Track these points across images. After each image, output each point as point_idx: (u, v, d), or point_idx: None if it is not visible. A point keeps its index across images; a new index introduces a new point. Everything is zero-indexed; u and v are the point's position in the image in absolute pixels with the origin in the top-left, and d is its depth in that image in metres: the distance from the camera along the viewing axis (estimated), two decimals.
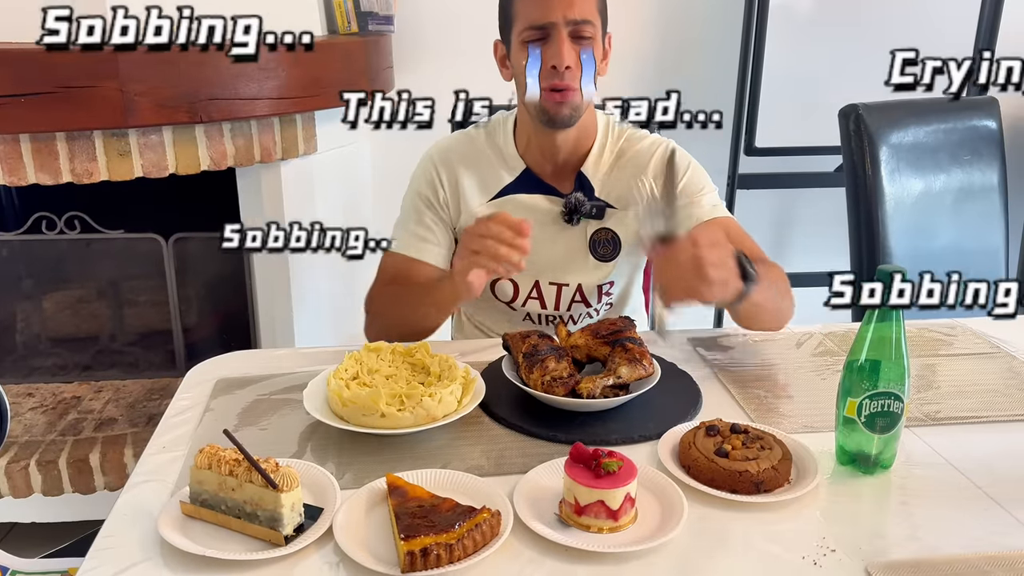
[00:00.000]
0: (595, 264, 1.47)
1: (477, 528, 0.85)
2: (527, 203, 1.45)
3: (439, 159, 1.48)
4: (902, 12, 2.59)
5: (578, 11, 1.30)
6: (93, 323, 2.47)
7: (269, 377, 1.28)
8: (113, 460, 2.06)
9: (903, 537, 0.90)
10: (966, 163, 1.89)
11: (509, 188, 1.46)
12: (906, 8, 2.59)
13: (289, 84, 2.10)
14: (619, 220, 1.46)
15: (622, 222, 1.46)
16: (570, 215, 1.44)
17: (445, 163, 1.47)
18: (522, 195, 1.46)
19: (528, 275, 1.46)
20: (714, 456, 0.98)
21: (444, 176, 1.46)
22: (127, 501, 0.96)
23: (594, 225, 1.45)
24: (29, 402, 2.30)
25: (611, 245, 1.47)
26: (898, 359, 0.97)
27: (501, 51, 1.42)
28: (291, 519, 0.88)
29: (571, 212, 1.43)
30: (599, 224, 1.45)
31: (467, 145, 1.49)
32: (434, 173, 1.47)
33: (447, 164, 1.47)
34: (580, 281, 1.48)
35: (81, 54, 1.81)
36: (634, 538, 0.89)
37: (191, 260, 2.37)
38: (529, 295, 1.49)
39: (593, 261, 1.47)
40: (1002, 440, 1.11)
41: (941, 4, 2.60)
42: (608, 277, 1.49)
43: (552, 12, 1.30)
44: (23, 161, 1.91)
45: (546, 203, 1.45)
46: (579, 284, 1.48)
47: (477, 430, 1.12)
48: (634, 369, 1.15)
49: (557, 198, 1.45)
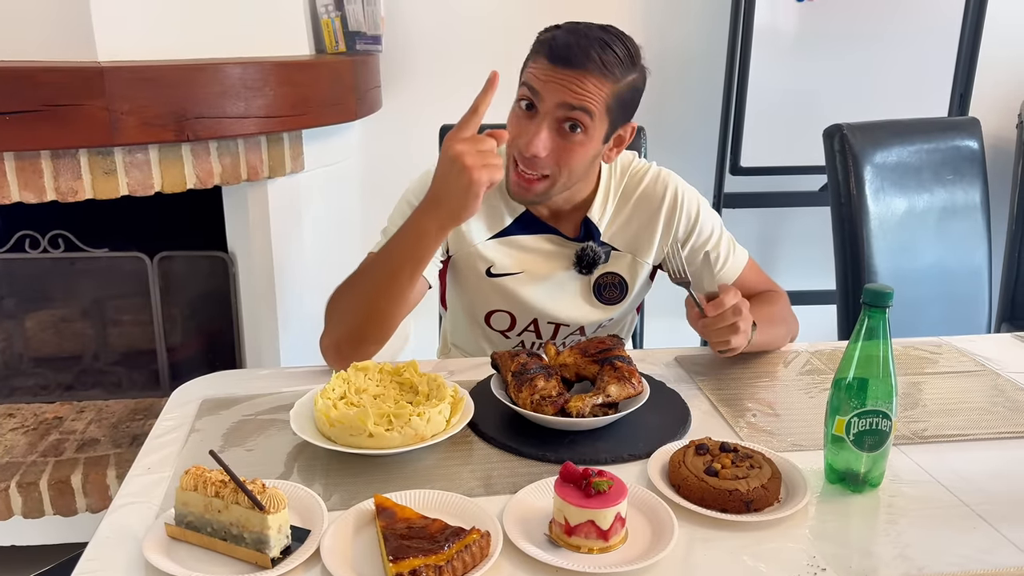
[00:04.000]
0: (600, 308, 1.46)
1: (467, 549, 0.85)
2: (529, 245, 1.43)
3: None
4: (885, 32, 2.63)
5: (576, 98, 1.22)
6: (76, 342, 2.44)
7: (255, 397, 1.27)
8: (95, 482, 2.03)
9: (893, 555, 0.90)
10: (949, 183, 1.91)
11: (511, 229, 1.42)
12: (889, 28, 2.63)
13: (276, 103, 2.10)
14: (627, 264, 1.45)
15: (629, 266, 1.45)
16: (587, 268, 1.42)
17: None
18: (524, 237, 1.42)
19: (527, 313, 1.45)
20: (704, 475, 0.98)
21: None
22: (111, 523, 0.95)
23: (600, 269, 1.44)
24: (10, 423, 2.27)
25: (617, 289, 1.45)
26: (885, 377, 0.98)
27: None
28: (278, 541, 0.87)
29: (588, 265, 1.41)
30: (604, 268, 1.44)
31: None
32: None
33: None
34: (582, 324, 1.47)
35: (67, 72, 1.81)
36: (625, 558, 0.88)
37: (176, 279, 2.36)
38: (526, 328, 1.48)
39: (598, 305, 1.46)
40: (989, 457, 1.12)
41: (923, 24, 2.64)
42: (609, 316, 1.48)
43: (545, 90, 1.23)
44: (7, 179, 1.90)
45: (549, 245, 1.43)
46: (580, 326, 1.47)
47: (466, 450, 1.12)
48: (623, 388, 1.15)
49: (561, 238, 1.42)
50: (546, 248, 1.43)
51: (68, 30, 1.92)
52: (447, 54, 2.75)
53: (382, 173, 2.83)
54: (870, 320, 0.97)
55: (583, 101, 1.23)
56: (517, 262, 1.42)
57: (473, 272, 1.44)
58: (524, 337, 1.49)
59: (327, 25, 2.51)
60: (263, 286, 2.36)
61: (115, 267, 2.33)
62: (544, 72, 1.24)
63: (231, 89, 2.01)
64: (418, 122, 2.67)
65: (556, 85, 1.23)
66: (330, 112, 2.29)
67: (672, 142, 1.80)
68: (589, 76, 1.22)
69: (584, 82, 1.22)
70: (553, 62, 1.23)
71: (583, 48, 1.21)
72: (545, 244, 1.43)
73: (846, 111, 2.05)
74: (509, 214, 1.42)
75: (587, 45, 1.22)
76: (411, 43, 2.73)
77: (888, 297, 0.96)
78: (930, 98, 2.70)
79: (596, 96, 1.23)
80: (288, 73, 2.13)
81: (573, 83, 1.22)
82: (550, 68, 1.23)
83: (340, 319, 1.31)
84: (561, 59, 1.22)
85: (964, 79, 2.69)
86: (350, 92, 2.35)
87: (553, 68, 1.23)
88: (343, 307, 1.32)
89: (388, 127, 2.79)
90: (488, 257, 1.42)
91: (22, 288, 2.37)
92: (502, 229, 1.43)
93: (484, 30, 2.76)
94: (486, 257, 1.42)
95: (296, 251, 2.44)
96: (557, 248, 1.43)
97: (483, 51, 2.77)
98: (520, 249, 1.43)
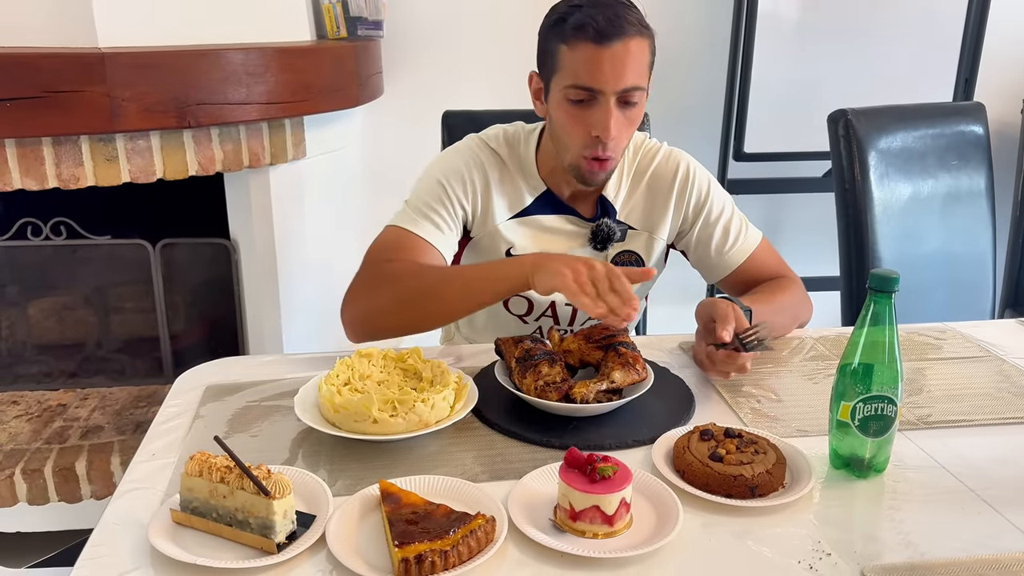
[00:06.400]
0: None
1: (472, 534, 0.85)
2: (549, 225, 1.43)
3: (474, 163, 1.40)
4: (889, 18, 2.61)
5: (631, 79, 1.23)
6: (79, 330, 2.45)
7: (259, 383, 1.27)
8: (100, 468, 2.04)
9: (897, 540, 0.90)
10: (954, 168, 1.90)
11: (531, 208, 1.42)
12: (894, 13, 2.61)
13: (278, 89, 2.09)
14: (643, 241, 1.45)
15: (646, 243, 1.45)
16: (602, 243, 1.42)
17: (480, 169, 1.40)
18: (544, 216, 1.43)
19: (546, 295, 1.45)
20: (709, 460, 0.98)
21: (478, 182, 1.40)
22: (116, 509, 0.95)
23: (617, 247, 1.44)
24: (14, 410, 2.27)
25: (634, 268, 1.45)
26: (891, 363, 0.97)
27: (537, 84, 1.34)
28: (283, 526, 0.87)
29: (603, 241, 1.41)
30: (622, 246, 1.44)
31: (494, 156, 1.42)
32: (466, 175, 1.39)
33: (481, 171, 1.40)
34: None
35: (68, 58, 1.80)
36: (629, 543, 0.88)
37: (178, 266, 2.36)
38: (543, 312, 1.47)
39: None
40: (993, 443, 1.11)
41: (927, 9, 2.62)
42: None
43: (604, 80, 1.22)
44: (8, 166, 1.89)
45: (568, 225, 1.43)
46: None
47: (470, 436, 1.12)
48: (627, 374, 1.15)
49: (578, 219, 1.43)
50: (565, 228, 1.43)
51: (69, 16, 1.91)
52: (448, 39, 2.74)
53: (384, 159, 2.82)
54: (876, 305, 0.97)
55: (637, 79, 1.24)
56: (536, 242, 1.42)
57: (494, 253, 1.44)
58: (542, 323, 1.48)
59: (328, 10, 2.50)
60: (265, 273, 2.36)
61: (117, 254, 2.33)
62: (593, 56, 1.22)
63: (232, 75, 2.00)
64: (420, 108, 2.66)
65: (609, 67, 1.22)
66: (332, 98, 2.28)
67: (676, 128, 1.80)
68: (632, 41, 1.22)
69: (629, 52, 1.22)
70: (599, 42, 1.21)
71: (618, 15, 1.21)
72: (564, 224, 1.43)
73: (850, 97, 2.04)
74: (530, 193, 1.43)
75: (617, 11, 1.22)
76: (412, 28, 2.72)
77: (894, 282, 0.95)
78: (934, 83, 2.69)
79: (643, 62, 1.25)
80: (289, 59, 2.12)
81: (625, 57, 1.21)
82: (596, 50, 1.21)
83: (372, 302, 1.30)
84: (605, 36, 1.21)
85: (969, 64, 2.68)
86: (352, 78, 2.34)
87: (599, 49, 1.21)
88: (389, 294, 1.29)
89: (390, 113, 2.78)
90: (508, 238, 1.43)
91: (24, 276, 2.37)
92: (522, 209, 1.43)
93: (485, 14, 2.75)
94: (506, 238, 1.43)
95: (298, 238, 2.43)
96: (575, 228, 1.43)
97: (485, 35, 2.76)
98: (539, 229, 1.43)
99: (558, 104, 1.29)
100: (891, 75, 2.66)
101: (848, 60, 2.64)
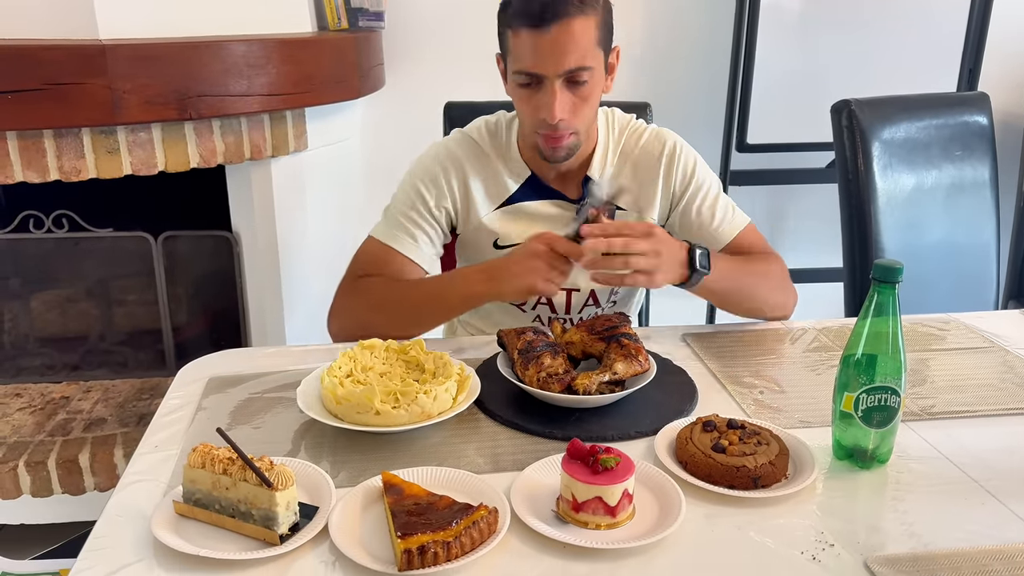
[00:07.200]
0: None
1: (474, 525, 0.85)
2: (536, 211, 1.43)
3: (450, 162, 1.42)
4: (893, 8, 2.60)
5: (572, 60, 1.23)
6: (82, 322, 2.45)
7: (262, 375, 1.27)
8: (103, 460, 2.04)
9: (901, 531, 0.90)
10: (958, 158, 1.89)
11: (516, 196, 1.43)
12: (897, 3, 2.60)
13: (279, 81, 2.09)
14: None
15: None
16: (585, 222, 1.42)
17: (456, 167, 1.42)
18: (530, 203, 1.43)
19: None
20: (711, 452, 0.98)
21: (455, 182, 1.41)
22: (119, 501, 0.95)
23: None
24: (17, 402, 2.28)
25: None
26: (895, 353, 0.97)
27: (501, 67, 1.36)
28: (286, 518, 0.87)
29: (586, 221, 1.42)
30: None
31: (474, 148, 1.43)
32: (442, 177, 1.41)
33: (458, 169, 1.42)
34: (592, 286, 1.46)
35: (69, 50, 1.80)
36: (632, 534, 0.88)
37: (181, 258, 2.35)
38: (539, 300, 1.47)
39: None
40: (997, 434, 1.11)
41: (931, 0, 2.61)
42: None
43: (544, 65, 1.23)
44: (10, 159, 1.89)
45: (555, 209, 1.43)
46: (592, 289, 1.47)
47: (473, 427, 1.12)
48: (630, 365, 1.15)
49: (565, 202, 1.43)
50: (551, 212, 1.43)
51: (69, 8, 1.90)
52: (450, 30, 2.73)
53: (385, 151, 2.81)
54: (879, 296, 0.96)
55: (581, 59, 1.23)
56: (523, 230, 1.42)
57: (481, 247, 1.44)
58: (538, 310, 1.48)
59: (329, 1, 2.48)
60: (267, 265, 2.36)
61: (119, 247, 2.33)
62: (532, 43, 1.22)
63: (233, 67, 2.00)
64: (421, 99, 2.65)
65: (549, 52, 1.22)
66: (333, 90, 2.27)
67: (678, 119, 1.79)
68: (574, 21, 1.21)
69: (571, 32, 1.21)
70: (535, 25, 1.21)
71: None
72: (551, 209, 1.43)
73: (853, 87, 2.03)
74: (514, 181, 1.43)
75: None
76: (413, 19, 2.71)
77: (898, 273, 0.95)
78: (938, 74, 2.68)
79: (587, 40, 1.23)
80: (290, 50, 2.11)
81: (564, 40, 1.21)
82: (535, 34, 1.21)
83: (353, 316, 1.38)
84: (542, 20, 1.20)
85: (973, 54, 2.66)
86: (353, 69, 2.34)
87: (538, 33, 1.21)
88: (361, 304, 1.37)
89: (391, 105, 2.77)
90: (493, 229, 1.42)
91: (27, 268, 2.37)
92: (508, 197, 1.43)
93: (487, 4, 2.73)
94: (492, 230, 1.42)
95: (300, 229, 2.43)
96: (562, 212, 1.43)
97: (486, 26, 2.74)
98: (526, 216, 1.43)
99: (512, 87, 1.31)
100: (895, 65, 2.65)
101: (851, 50, 2.63)
